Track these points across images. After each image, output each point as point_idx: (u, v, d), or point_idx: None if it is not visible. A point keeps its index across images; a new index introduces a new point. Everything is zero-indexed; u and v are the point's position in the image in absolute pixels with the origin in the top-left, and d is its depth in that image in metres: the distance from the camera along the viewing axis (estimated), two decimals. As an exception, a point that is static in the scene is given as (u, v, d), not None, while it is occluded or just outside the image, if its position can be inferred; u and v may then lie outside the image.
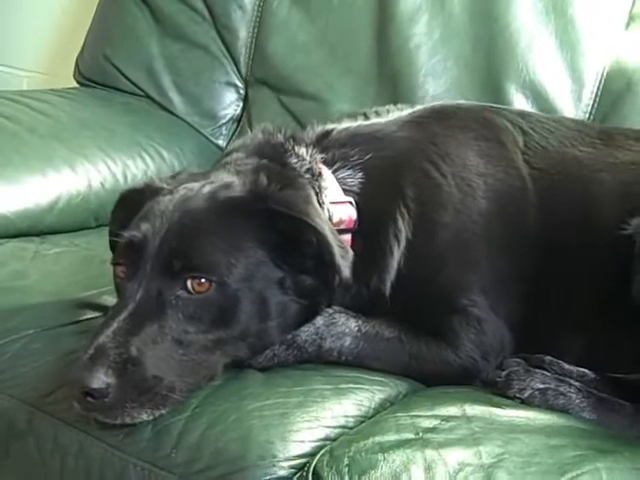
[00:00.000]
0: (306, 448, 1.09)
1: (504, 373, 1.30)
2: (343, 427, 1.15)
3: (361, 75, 1.95)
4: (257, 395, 1.15)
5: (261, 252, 1.20)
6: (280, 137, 1.34)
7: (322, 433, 1.12)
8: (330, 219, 1.27)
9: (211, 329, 1.16)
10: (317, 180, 1.28)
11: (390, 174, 1.33)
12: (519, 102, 1.78)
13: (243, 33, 2.09)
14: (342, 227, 1.29)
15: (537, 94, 1.77)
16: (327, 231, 1.21)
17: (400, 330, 1.31)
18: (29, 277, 1.46)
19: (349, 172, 1.33)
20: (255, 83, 2.08)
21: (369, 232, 1.30)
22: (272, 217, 1.21)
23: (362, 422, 1.17)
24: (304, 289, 1.23)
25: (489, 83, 1.81)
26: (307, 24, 2.02)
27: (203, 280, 1.16)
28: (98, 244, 1.63)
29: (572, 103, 1.76)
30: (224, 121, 2.12)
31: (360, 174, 1.33)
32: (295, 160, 1.30)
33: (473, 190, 1.36)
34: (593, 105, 1.75)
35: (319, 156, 1.32)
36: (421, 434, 1.10)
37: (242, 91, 2.10)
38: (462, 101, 1.57)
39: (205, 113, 2.11)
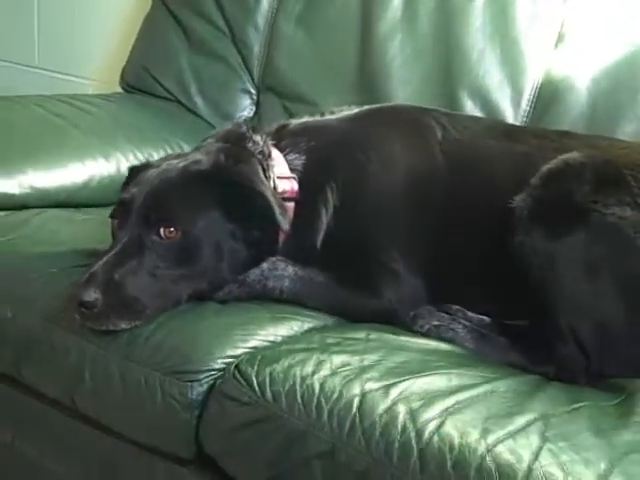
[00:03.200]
0: (238, 352, 1.46)
1: (412, 314, 1.66)
2: (272, 342, 1.51)
3: (347, 83, 2.31)
4: (209, 317, 1.53)
5: (218, 211, 1.58)
6: (244, 128, 1.73)
7: (253, 344, 1.49)
8: (275, 189, 1.66)
9: (177, 266, 1.55)
10: (267, 159, 1.67)
11: (325, 157, 1.71)
12: (469, 107, 2.12)
13: (256, 48, 2.48)
14: (286, 196, 1.67)
15: (484, 100, 2.11)
16: (269, 195, 1.59)
17: (330, 277, 1.67)
18: (60, 234, 1.87)
19: (296, 155, 1.72)
20: (265, 90, 2.47)
21: (306, 201, 1.68)
22: (228, 184, 1.60)
23: (288, 341, 1.55)
24: (252, 240, 1.61)
25: (446, 90, 2.16)
26: (308, 41, 2.40)
27: (172, 229, 1.55)
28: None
29: (512, 108, 2.08)
30: (239, 122, 2.53)
31: (303, 157, 1.71)
32: (251, 144, 1.69)
33: (394, 171, 1.72)
34: (529, 110, 2.07)
35: (271, 142, 1.71)
36: (324, 346, 1.46)
37: (255, 97, 2.49)
38: (401, 103, 1.95)
39: (224, 115, 2.50)
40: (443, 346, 1.55)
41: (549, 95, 2.05)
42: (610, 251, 1.51)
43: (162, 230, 1.54)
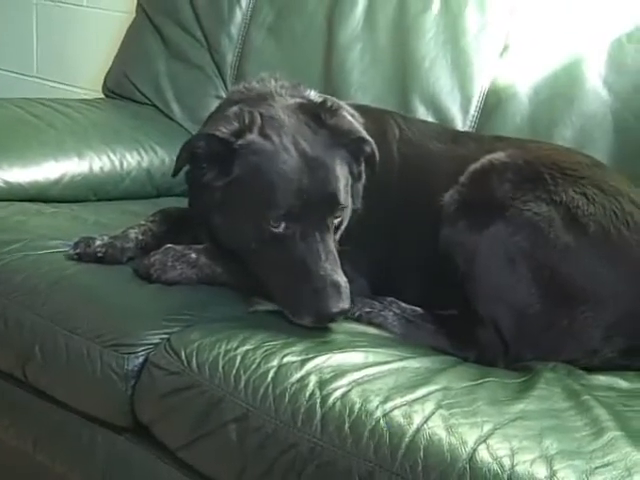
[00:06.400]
0: (175, 328, 1.57)
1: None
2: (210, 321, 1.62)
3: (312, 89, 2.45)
4: (151, 296, 1.65)
5: (347, 169, 1.66)
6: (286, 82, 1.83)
7: (191, 322, 1.58)
8: None
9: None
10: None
11: None
12: (421, 112, 2.23)
13: (229, 57, 2.60)
14: None
15: (435, 106, 2.23)
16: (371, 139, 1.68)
17: None
18: (27, 224, 1.97)
19: None
20: (236, 97, 2.61)
21: None
22: (346, 143, 1.65)
23: (228, 322, 1.66)
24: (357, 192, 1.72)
25: (401, 96, 2.27)
26: (276, 51, 2.52)
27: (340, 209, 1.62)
28: (92, 212, 2.17)
29: (461, 114, 2.20)
30: (212, 126, 2.65)
31: None
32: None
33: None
34: (477, 115, 2.19)
35: None
36: (254, 325, 1.56)
37: (227, 103, 2.64)
38: (372, 105, 2.07)
39: (197, 120, 2.55)
40: (371, 330, 1.65)
41: (495, 102, 2.16)
42: (526, 244, 1.62)
43: (335, 215, 1.62)
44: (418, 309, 1.74)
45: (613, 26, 2.06)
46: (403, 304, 1.74)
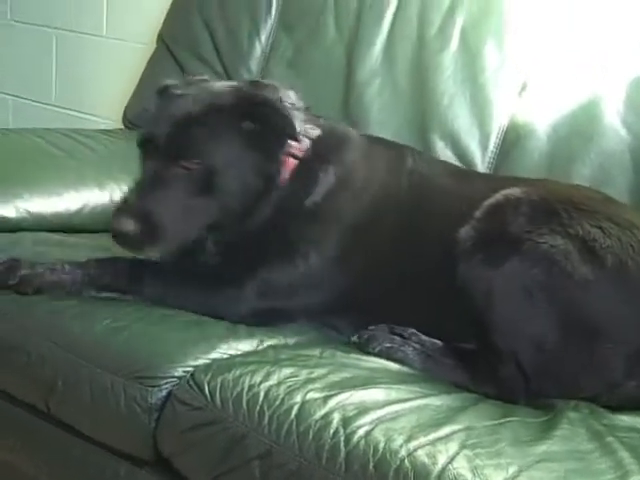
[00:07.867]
0: (197, 362, 1.59)
1: (365, 335, 1.77)
2: (230, 355, 1.64)
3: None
4: (175, 330, 1.67)
5: (238, 142, 1.72)
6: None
7: (212, 356, 1.61)
8: None
9: (198, 196, 1.70)
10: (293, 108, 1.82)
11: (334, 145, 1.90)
12: (440, 148, 2.25)
13: (249, 91, 2.66)
14: (293, 151, 1.80)
15: (454, 142, 2.24)
16: (289, 112, 1.75)
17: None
18: (47, 255, 1.95)
19: (313, 127, 1.88)
20: (255, 131, 2.63)
21: (309, 165, 1.83)
22: (249, 113, 1.73)
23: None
24: (264, 171, 1.75)
25: (420, 132, 2.29)
26: (295, 85, 2.56)
27: (196, 160, 1.69)
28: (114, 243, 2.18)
29: (480, 150, 2.21)
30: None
31: (319, 132, 1.89)
32: (281, 92, 1.86)
33: (366, 189, 1.87)
34: (495, 152, 2.20)
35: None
36: (276, 360, 1.58)
37: (247, 137, 2.66)
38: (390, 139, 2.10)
39: None
40: (392, 365, 1.66)
41: (513, 139, 2.17)
42: (543, 277, 1.62)
43: (184, 162, 1.69)
44: (438, 342, 1.74)
45: (631, 65, 2.08)
46: (423, 337, 1.75)
